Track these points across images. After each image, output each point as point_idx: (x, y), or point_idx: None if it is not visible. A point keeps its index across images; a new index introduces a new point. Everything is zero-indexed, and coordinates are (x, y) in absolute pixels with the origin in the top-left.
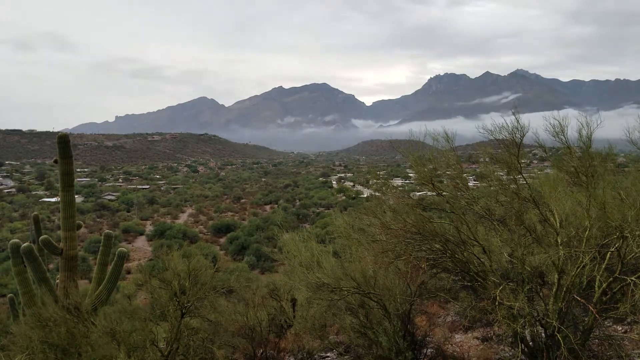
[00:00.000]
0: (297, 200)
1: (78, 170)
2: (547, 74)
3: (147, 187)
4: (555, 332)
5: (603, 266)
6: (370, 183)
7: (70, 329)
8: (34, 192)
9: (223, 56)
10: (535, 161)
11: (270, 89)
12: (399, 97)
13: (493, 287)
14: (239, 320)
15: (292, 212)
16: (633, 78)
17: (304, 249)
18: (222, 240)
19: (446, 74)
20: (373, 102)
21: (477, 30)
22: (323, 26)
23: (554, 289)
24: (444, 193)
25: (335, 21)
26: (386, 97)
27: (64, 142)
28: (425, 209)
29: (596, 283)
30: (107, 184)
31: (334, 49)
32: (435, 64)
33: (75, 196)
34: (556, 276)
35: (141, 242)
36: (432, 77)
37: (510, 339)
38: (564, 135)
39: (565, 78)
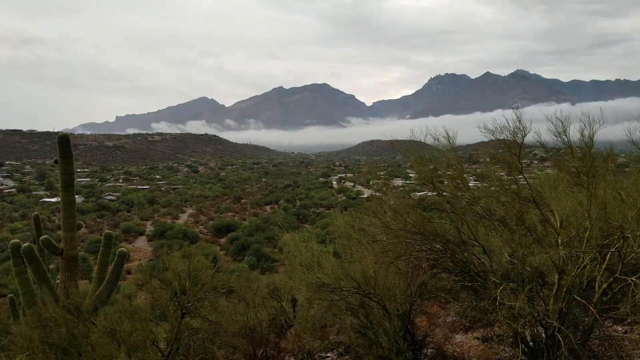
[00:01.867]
0: (298, 201)
1: (78, 170)
2: (547, 75)
3: (148, 187)
4: (556, 333)
5: (603, 266)
6: (370, 183)
7: (70, 329)
8: (34, 192)
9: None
10: (535, 161)
11: (270, 89)
12: (399, 97)
13: (493, 287)
14: (239, 321)
15: (292, 213)
16: (633, 78)
17: (304, 249)
18: (223, 240)
19: (446, 74)
20: (373, 102)
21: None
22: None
23: (555, 289)
24: (445, 193)
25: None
26: (386, 99)
27: (64, 142)
28: (426, 209)
29: (596, 283)
30: (108, 184)
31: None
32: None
33: (76, 196)
34: (556, 276)
35: (141, 242)
36: (432, 77)
37: (510, 339)
38: (565, 135)
39: (565, 78)
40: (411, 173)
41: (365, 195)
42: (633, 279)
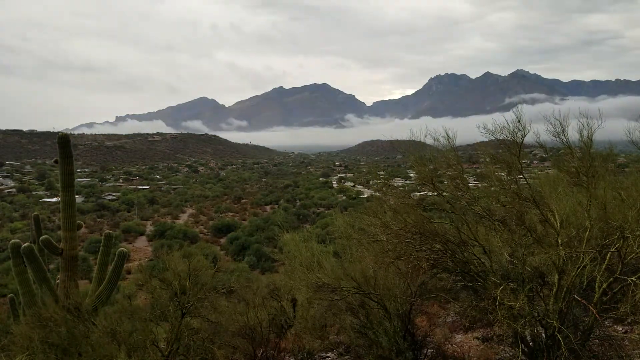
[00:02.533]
0: (298, 201)
1: (78, 170)
2: (547, 75)
3: (148, 187)
4: (556, 332)
5: (603, 266)
6: (370, 183)
7: (70, 329)
8: (34, 192)
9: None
10: (535, 161)
11: (270, 89)
12: (399, 97)
13: (493, 287)
14: (239, 321)
15: (292, 213)
16: (633, 78)
17: (304, 249)
18: (223, 240)
19: (446, 74)
20: (373, 102)
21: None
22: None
23: (555, 289)
24: (445, 193)
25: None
26: (386, 98)
27: (64, 142)
28: (426, 209)
29: (596, 283)
30: (108, 184)
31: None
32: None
33: (76, 196)
34: (556, 276)
35: (142, 242)
36: (432, 77)
37: (510, 339)
38: (564, 136)
39: (565, 78)
40: (411, 173)
41: (365, 195)
42: (633, 279)
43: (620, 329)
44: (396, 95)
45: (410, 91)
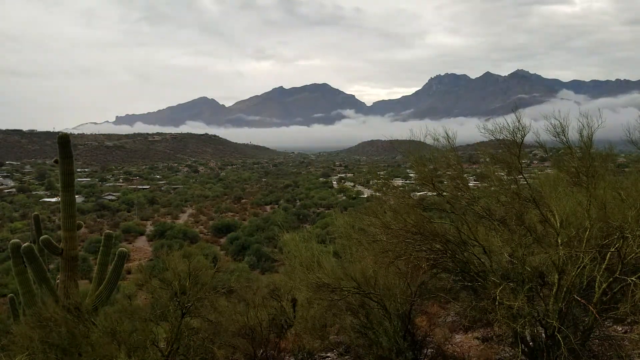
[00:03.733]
0: (298, 201)
1: (78, 170)
2: (547, 74)
3: (148, 187)
4: (556, 332)
5: (603, 266)
6: (370, 183)
7: (70, 329)
8: (34, 192)
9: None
10: (535, 161)
11: (270, 89)
12: (399, 97)
13: (493, 287)
14: (239, 321)
15: (292, 213)
16: (633, 78)
17: (304, 249)
18: (223, 240)
19: (447, 74)
20: (373, 102)
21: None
22: None
23: (554, 289)
24: (445, 193)
25: None
26: (387, 98)
27: (64, 142)
28: (426, 209)
29: (596, 283)
30: (108, 184)
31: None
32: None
33: (76, 196)
34: (556, 276)
35: (142, 242)
36: (432, 77)
37: (510, 339)
38: (564, 136)
39: (566, 79)
40: (411, 173)
41: (365, 195)
42: (633, 279)
43: (620, 329)
44: (396, 95)
45: (410, 91)
